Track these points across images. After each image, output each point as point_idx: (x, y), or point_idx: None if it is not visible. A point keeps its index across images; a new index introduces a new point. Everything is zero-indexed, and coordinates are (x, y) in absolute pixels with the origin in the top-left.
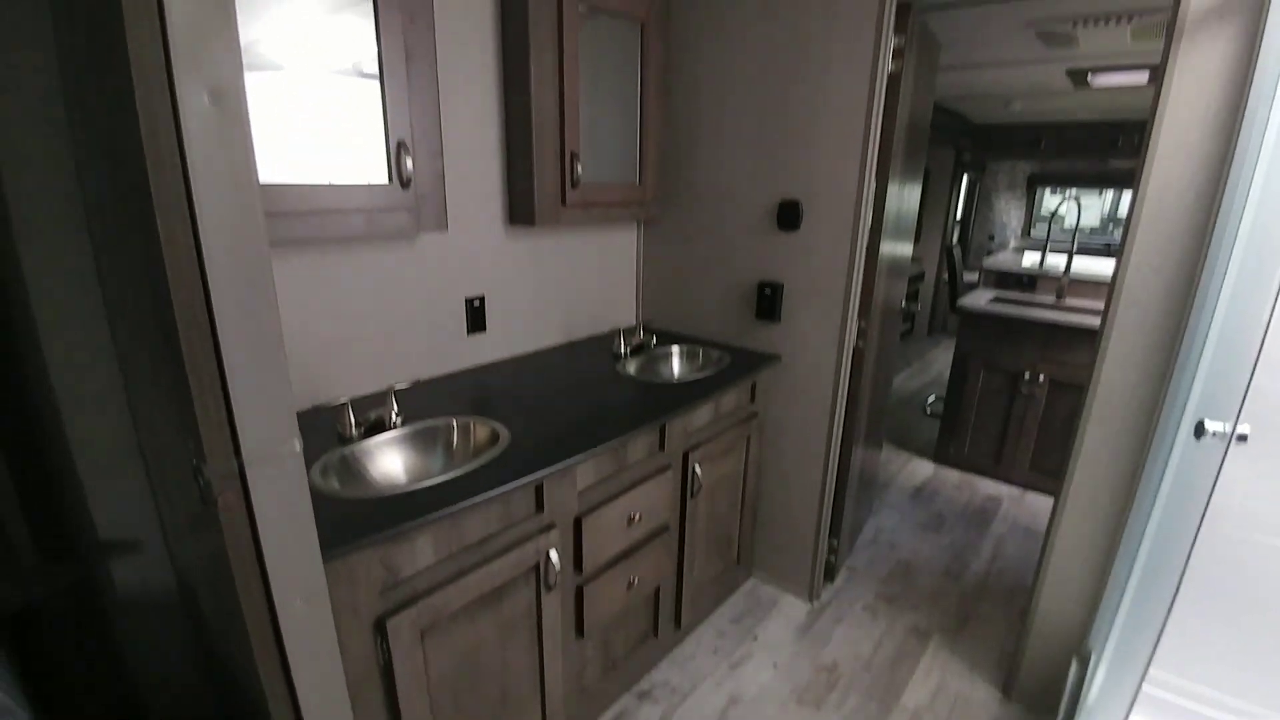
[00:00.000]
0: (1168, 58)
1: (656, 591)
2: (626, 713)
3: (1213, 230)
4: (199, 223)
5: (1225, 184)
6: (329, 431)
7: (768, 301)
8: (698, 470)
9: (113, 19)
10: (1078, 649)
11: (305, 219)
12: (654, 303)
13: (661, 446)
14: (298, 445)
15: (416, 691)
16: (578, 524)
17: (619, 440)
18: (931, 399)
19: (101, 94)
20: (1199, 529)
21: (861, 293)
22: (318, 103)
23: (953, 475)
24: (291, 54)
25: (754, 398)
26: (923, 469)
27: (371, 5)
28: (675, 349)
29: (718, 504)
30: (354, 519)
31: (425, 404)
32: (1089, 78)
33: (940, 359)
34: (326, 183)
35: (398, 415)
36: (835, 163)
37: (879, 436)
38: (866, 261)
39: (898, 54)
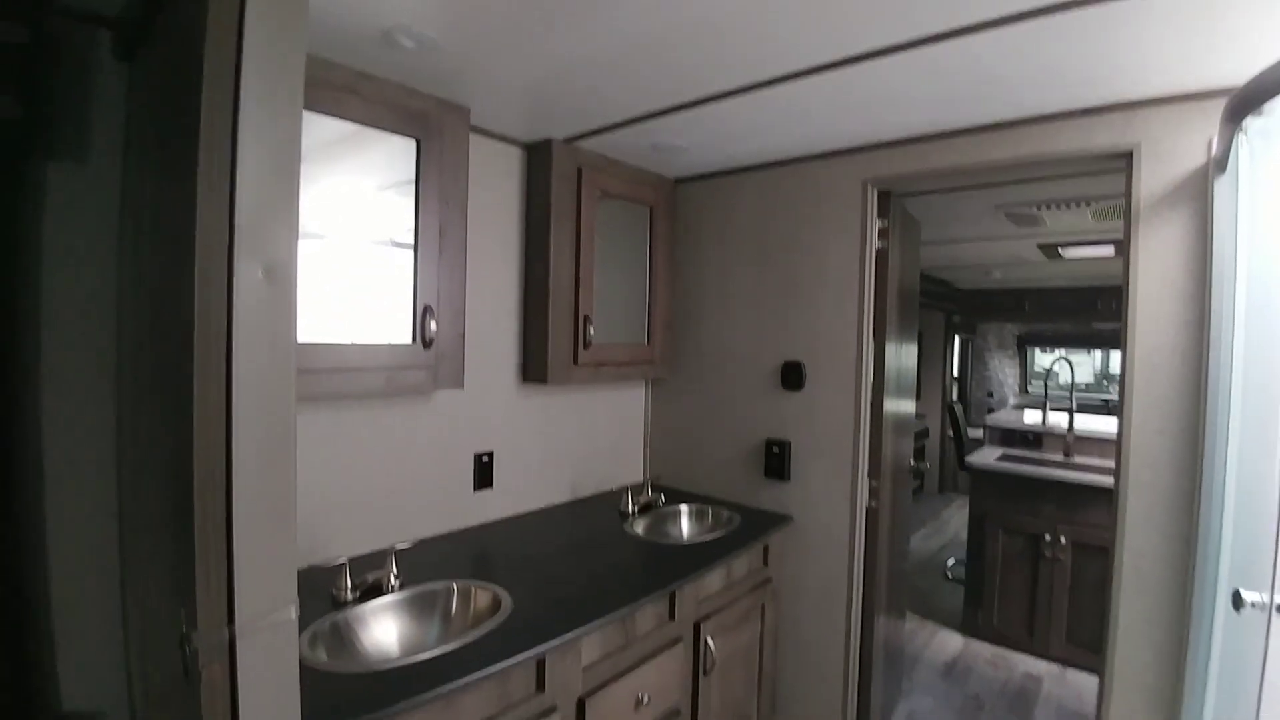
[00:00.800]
0: (1130, 237)
1: None
2: None
3: (1205, 390)
4: (234, 383)
5: (1207, 346)
6: (323, 594)
7: (776, 460)
8: (710, 643)
9: (186, 199)
10: None
11: (329, 376)
12: (662, 460)
13: (671, 616)
14: (294, 612)
15: None
16: (581, 706)
17: (627, 609)
18: (951, 562)
19: (158, 256)
20: (1259, 708)
21: (870, 450)
22: (352, 268)
23: (985, 649)
24: (334, 225)
25: (766, 561)
26: (952, 641)
27: (414, 188)
28: (684, 508)
29: (732, 683)
30: (340, 696)
31: (426, 565)
32: (1060, 251)
33: (955, 518)
34: (353, 342)
35: (396, 578)
36: (834, 326)
37: (901, 605)
38: (872, 418)
39: (883, 233)
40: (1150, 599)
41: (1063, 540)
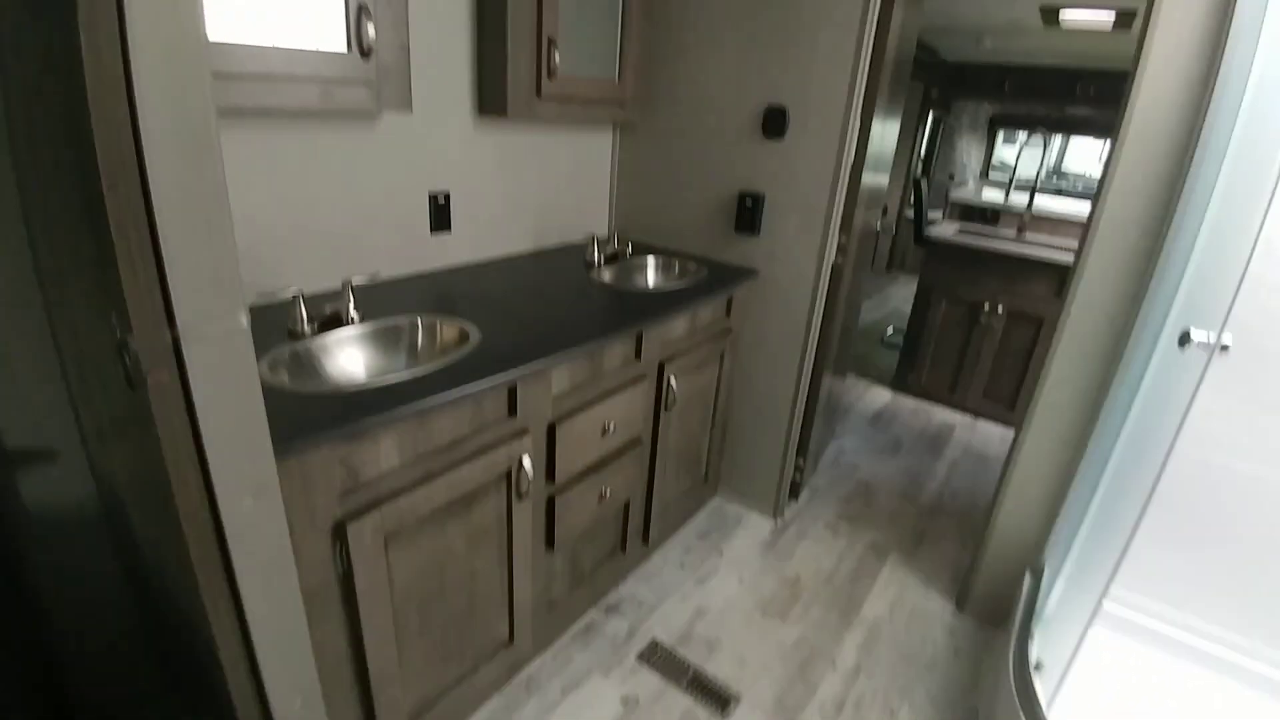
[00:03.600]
0: None
1: (626, 506)
2: (594, 626)
3: (1197, 140)
4: (130, 48)
5: (1208, 102)
6: (277, 328)
7: (748, 213)
8: (673, 382)
9: None
10: (1031, 564)
11: (252, 85)
12: (628, 212)
13: (638, 355)
14: (244, 319)
15: (379, 602)
16: (551, 431)
17: (595, 344)
18: (890, 331)
19: None
20: (1174, 441)
21: (845, 205)
22: None
23: (909, 403)
24: None
25: (729, 312)
26: (881, 396)
27: None
28: (651, 259)
29: (690, 420)
30: (309, 413)
31: (386, 301)
32: (1060, 15)
33: (897, 294)
34: (276, 45)
35: (356, 310)
36: (827, 67)
37: (846, 363)
38: (852, 172)
39: None
40: (1085, 352)
41: (1000, 309)
